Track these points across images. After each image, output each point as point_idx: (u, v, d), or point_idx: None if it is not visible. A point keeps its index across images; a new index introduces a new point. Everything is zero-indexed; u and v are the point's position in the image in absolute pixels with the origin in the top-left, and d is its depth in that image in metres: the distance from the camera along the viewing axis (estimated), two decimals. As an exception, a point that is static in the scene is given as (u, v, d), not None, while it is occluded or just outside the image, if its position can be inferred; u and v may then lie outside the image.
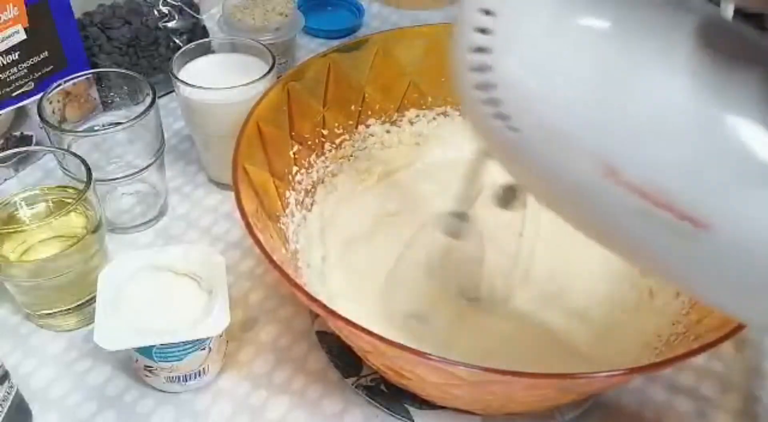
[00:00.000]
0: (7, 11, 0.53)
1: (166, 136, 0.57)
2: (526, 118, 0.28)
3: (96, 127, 0.57)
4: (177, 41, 0.67)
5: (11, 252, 0.46)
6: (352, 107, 0.55)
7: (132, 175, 0.53)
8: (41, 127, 0.57)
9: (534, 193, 0.33)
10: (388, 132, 0.57)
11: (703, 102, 0.25)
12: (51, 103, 0.53)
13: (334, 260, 0.51)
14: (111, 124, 0.54)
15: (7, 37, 0.54)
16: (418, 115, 0.58)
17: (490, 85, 0.28)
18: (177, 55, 0.56)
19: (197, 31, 0.69)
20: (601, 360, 0.44)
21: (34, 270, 0.45)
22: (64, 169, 0.50)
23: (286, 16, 0.69)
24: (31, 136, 0.61)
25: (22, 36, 0.55)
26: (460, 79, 0.29)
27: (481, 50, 0.28)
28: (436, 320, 0.47)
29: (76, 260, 0.46)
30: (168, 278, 0.45)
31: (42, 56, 0.57)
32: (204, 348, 0.43)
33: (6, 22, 0.53)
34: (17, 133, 0.60)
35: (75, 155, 0.48)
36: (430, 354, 0.33)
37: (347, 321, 0.35)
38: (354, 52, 0.54)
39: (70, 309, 0.48)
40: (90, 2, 0.65)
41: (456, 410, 0.44)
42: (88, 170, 0.47)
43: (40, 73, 0.58)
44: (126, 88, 0.56)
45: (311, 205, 0.52)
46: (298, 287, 0.37)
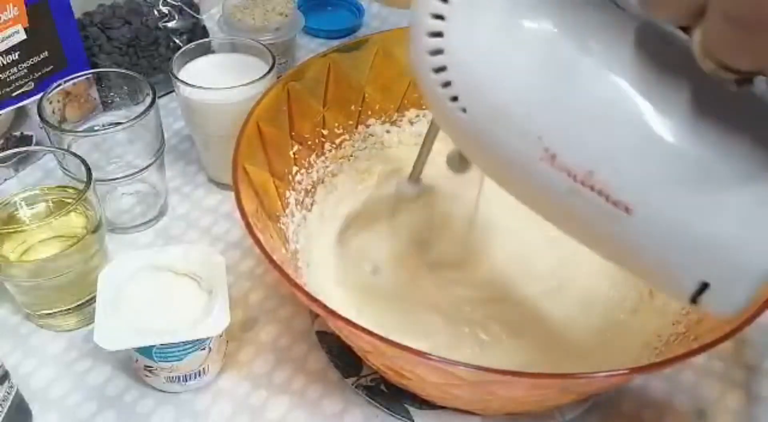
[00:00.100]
0: (7, 11, 0.53)
1: (166, 136, 0.57)
2: (474, 99, 0.31)
3: (96, 127, 0.57)
4: (177, 41, 0.67)
5: (11, 252, 0.46)
6: (352, 107, 0.55)
7: (132, 175, 0.53)
8: (41, 127, 0.57)
9: (480, 167, 0.35)
10: (388, 132, 0.57)
11: (637, 98, 0.28)
12: (51, 103, 0.53)
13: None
14: (111, 124, 0.54)
15: (7, 37, 0.54)
16: (418, 115, 0.58)
17: (442, 68, 0.31)
18: (177, 55, 0.56)
19: (197, 31, 0.69)
20: (601, 360, 0.44)
21: (34, 270, 0.45)
22: (64, 169, 0.50)
23: (286, 16, 0.69)
24: (31, 136, 0.61)
25: (22, 36, 0.55)
26: (418, 60, 0.32)
27: (436, 35, 0.30)
28: (392, 275, 0.50)
29: (76, 260, 0.46)
30: (168, 278, 0.45)
31: (42, 56, 0.57)
32: (204, 348, 0.43)
33: (6, 22, 0.53)
34: (17, 133, 0.60)
35: (75, 155, 0.48)
36: (430, 354, 0.33)
37: (347, 321, 0.35)
38: (354, 52, 0.54)
39: (70, 309, 0.48)
40: (90, 2, 0.65)
41: (456, 410, 0.44)
42: (88, 170, 0.47)
43: (40, 73, 0.58)
44: (126, 88, 0.56)
45: (311, 205, 0.52)
46: (298, 287, 0.37)
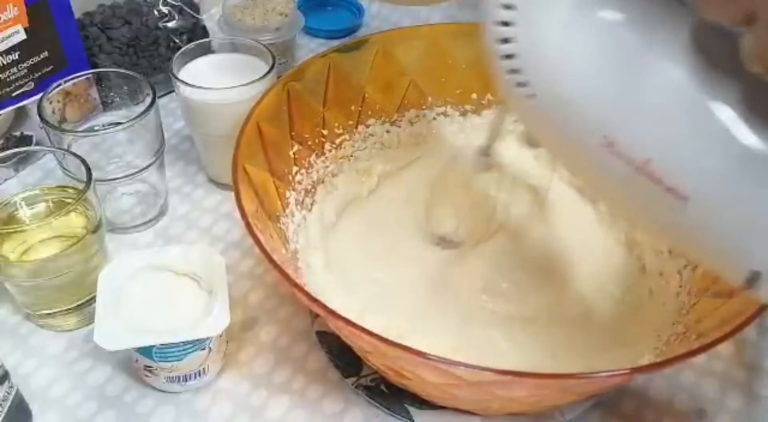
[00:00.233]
0: (7, 11, 0.53)
1: (166, 136, 0.57)
2: (539, 86, 0.32)
3: (96, 127, 0.57)
4: (177, 41, 0.67)
5: (11, 252, 0.46)
6: (352, 107, 0.55)
7: (132, 175, 0.53)
8: (41, 127, 0.57)
9: (546, 148, 0.38)
10: (388, 132, 0.57)
11: (694, 91, 0.29)
12: (51, 103, 0.53)
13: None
14: (111, 124, 0.54)
15: (7, 37, 0.54)
16: (418, 115, 0.58)
17: (510, 55, 0.33)
18: (177, 55, 0.56)
19: (197, 31, 0.69)
20: (601, 360, 0.44)
21: (34, 270, 0.45)
22: (64, 169, 0.50)
23: (286, 16, 0.69)
24: (31, 136, 0.61)
25: (22, 36, 0.55)
26: (489, 49, 0.33)
27: (505, 24, 0.32)
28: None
29: (76, 260, 0.46)
30: (168, 278, 0.45)
31: (42, 56, 0.57)
32: (204, 348, 0.43)
33: (6, 22, 0.53)
34: (17, 133, 0.60)
35: (75, 155, 0.48)
36: (430, 355, 0.33)
37: (347, 321, 0.35)
38: (354, 52, 0.54)
39: (70, 309, 0.48)
40: (90, 2, 0.65)
41: (456, 410, 0.44)
42: (88, 170, 0.47)
43: (40, 73, 0.58)
44: (126, 88, 0.56)
45: (311, 204, 0.52)
46: (298, 287, 0.37)
